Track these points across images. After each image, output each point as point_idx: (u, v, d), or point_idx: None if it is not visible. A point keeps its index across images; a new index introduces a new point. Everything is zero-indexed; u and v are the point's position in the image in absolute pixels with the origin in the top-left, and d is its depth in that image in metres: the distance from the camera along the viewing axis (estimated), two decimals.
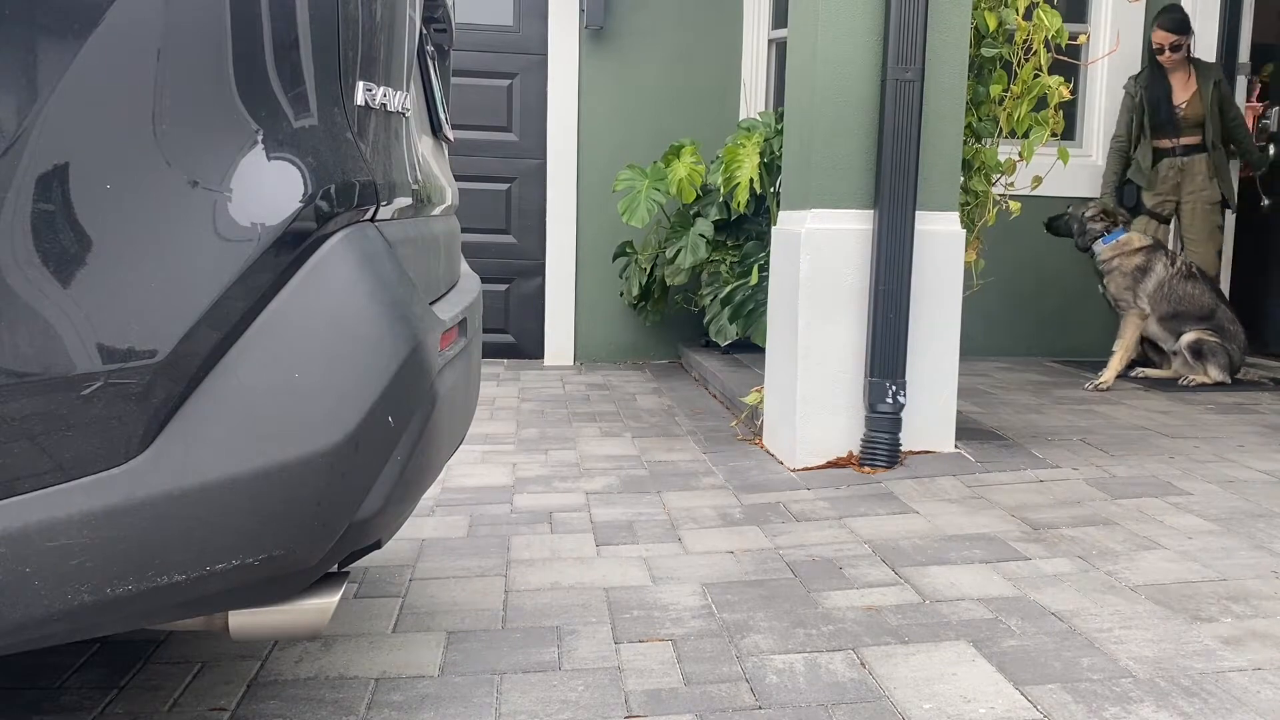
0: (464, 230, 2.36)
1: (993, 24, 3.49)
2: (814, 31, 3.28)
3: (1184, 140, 5.34)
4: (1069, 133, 5.51)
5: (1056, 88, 3.54)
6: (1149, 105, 5.37)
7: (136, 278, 1.18)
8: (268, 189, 1.24)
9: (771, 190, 4.65)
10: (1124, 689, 1.84)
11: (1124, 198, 5.49)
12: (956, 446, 3.46)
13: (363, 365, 1.29)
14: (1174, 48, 5.27)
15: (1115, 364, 4.89)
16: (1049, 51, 3.55)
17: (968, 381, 4.75)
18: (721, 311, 4.85)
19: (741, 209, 4.76)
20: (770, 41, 5.86)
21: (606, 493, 3.13)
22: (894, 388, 3.25)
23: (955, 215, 3.41)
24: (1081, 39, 3.93)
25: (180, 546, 1.21)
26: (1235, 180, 5.52)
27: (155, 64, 1.19)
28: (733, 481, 3.26)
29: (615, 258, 5.67)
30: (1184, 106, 5.32)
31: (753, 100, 5.81)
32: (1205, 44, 5.77)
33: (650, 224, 5.30)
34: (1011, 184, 3.76)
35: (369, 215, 1.37)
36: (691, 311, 5.60)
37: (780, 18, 5.70)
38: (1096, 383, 4.82)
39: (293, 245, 1.24)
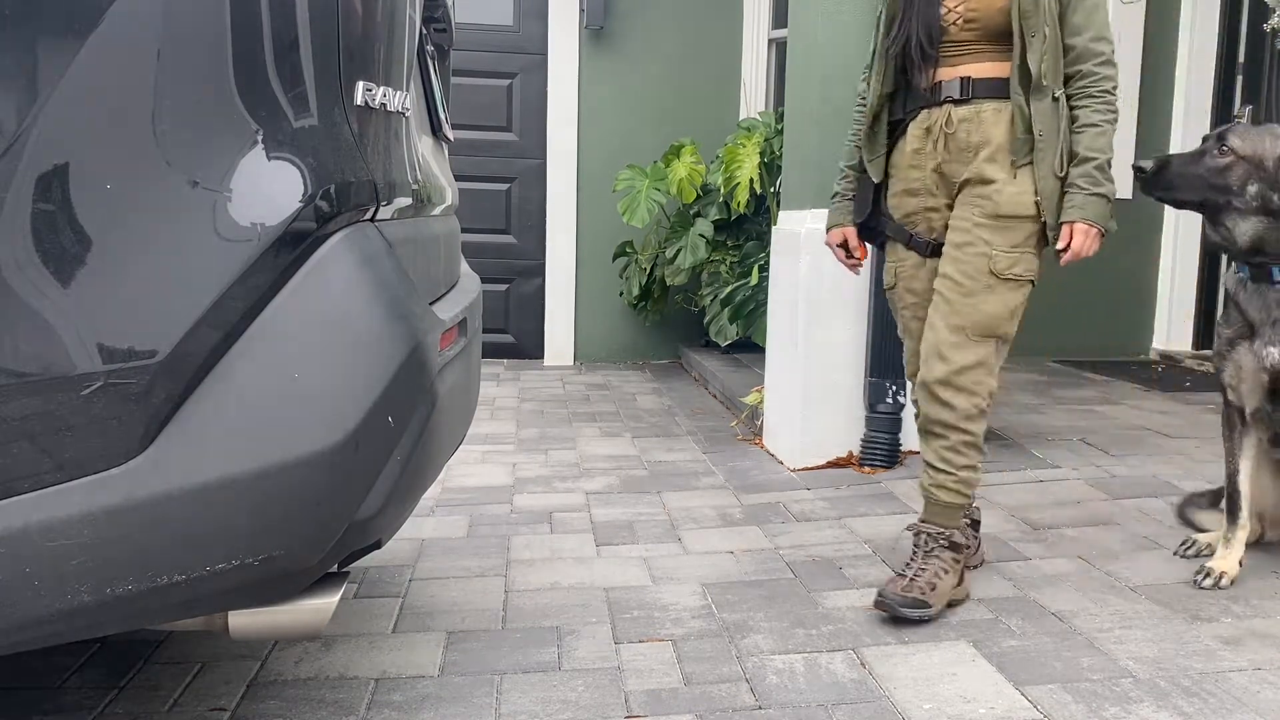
0: (464, 230, 2.35)
1: None
2: (814, 31, 3.28)
3: (962, 68, 2.21)
4: None
5: None
6: None
7: (136, 278, 1.18)
8: (267, 189, 1.24)
9: (771, 190, 4.64)
10: (1124, 689, 1.84)
11: (879, 198, 2.38)
12: None
13: (362, 365, 1.29)
14: None
15: None
16: None
17: None
18: (721, 311, 4.85)
19: (741, 209, 4.76)
20: (770, 41, 5.85)
21: (606, 493, 3.13)
22: (894, 387, 3.25)
23: None
24: None
25: (180, 547, 1.21)
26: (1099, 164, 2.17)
27: (155, 64, 1.19)
28: (733, 481, 3.26)
29: (615, 258, 5.67)
30: None
31: (753, 100, 5.81)
32: (1204, 38, 5.76)
33: (650, 224, 5.29)
34: None
35: (369, 215, 1.37)
36: (691, 311, 5.60)
37: (780, 18, 5.69)
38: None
39: (292, 245, 1.24)
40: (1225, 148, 2.25)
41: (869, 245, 2.47)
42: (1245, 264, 2.30)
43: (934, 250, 2.29)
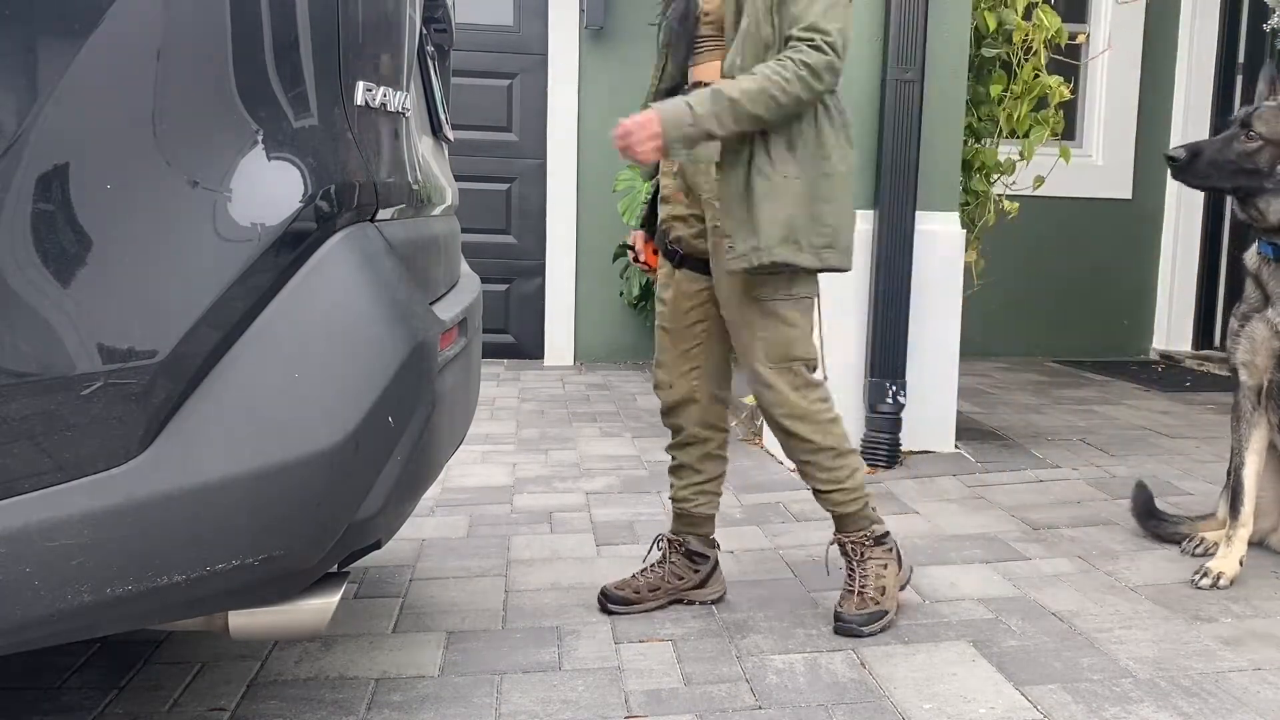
0: (464, 230, 2.35)
1: (992, 24, 3.49)
2: None
3: (698, 70, 2.08)
4: (1069, 132, 5.50)
5: (1057, 87, 3.54)
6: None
7: (137, 278, 1.18)
8: (268, 189, 1.24)
9: None
10: (1124, 689, 1.84)
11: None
12: (956, 446, 3.46)
13: (363, 365, 1.29)
14: None
15: None
16: (1049, 51, 3.56)
17: (968, 381, 4.75)
18: None
19: None
20: None
21: (606, 493, 3.13)
22: (894, 388, 3.25)
23: (955, 215, 3.41)
24: (1081, 38, 3.93)
25: (180, 547, 1.21)
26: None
27: (155, 64, 1.19)
28: (733, 481, 3.25)
29: (615, 258, 5.66)
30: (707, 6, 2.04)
31: None
32: (1204, 38, 5.75)
33: None
34: (1012, 183, 3.75)
35: (369, 215, 1.37)
36: None
37: None
38: None
39: (293, 245, 1.24)
40: (1252, 133, 2.32)
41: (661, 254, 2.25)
42: (1271, 243, 2.36)
43: (680, 261, 2.16)
